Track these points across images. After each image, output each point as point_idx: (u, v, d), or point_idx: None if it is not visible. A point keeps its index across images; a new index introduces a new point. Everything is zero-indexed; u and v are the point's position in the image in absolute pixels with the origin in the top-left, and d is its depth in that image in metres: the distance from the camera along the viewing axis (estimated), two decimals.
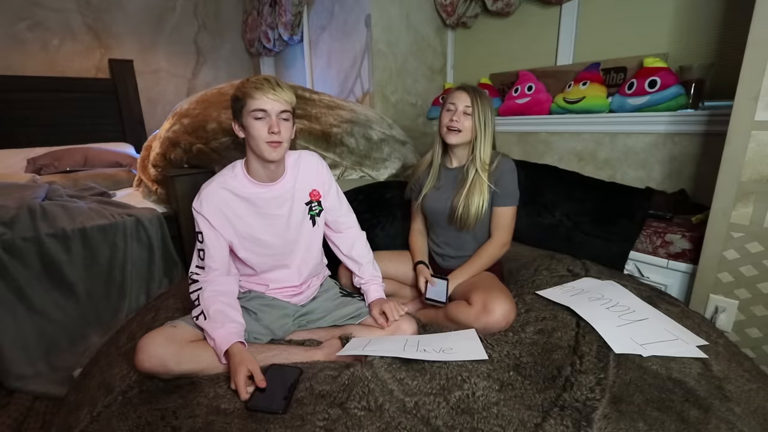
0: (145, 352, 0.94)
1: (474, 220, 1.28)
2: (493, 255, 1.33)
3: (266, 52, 3.85)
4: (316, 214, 1.21)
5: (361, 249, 1.30)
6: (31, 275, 1.54)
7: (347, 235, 1.30)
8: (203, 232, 1.08)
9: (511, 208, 1.32)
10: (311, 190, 1.19)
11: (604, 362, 0.93)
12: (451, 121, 1.26)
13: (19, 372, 1.44)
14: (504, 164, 1.30)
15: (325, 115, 1.96)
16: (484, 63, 2.47)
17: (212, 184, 1.09)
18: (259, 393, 0.89)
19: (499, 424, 0.79)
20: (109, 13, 3.28)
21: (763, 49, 1.06)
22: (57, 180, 2.39)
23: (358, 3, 2.43)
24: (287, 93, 1.02)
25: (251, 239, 1.12)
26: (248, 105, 1.01)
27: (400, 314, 1.15)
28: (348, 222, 1.30)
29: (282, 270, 1.19)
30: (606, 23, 1.91)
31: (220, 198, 1.08)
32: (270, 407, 0.85)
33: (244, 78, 1.06)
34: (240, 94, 1.02)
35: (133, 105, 3.40)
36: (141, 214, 1.82)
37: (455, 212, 1.30)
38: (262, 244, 1.14)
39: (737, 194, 1.16)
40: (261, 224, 1.12)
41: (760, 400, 0.86)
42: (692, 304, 1.30)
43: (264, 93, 0.99)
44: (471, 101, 1.25)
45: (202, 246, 1.09)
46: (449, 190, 1.35)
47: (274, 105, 1.01)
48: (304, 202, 1.18)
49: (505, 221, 1.32)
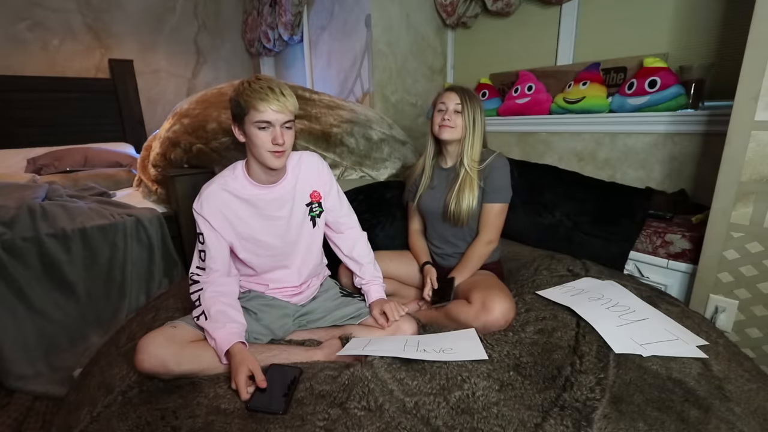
0: (145, 352, 0.94)
1: (466, 216, 1.31)
2: (481, 253, 1.34)
3: (266, 52, 3.85)
4: (316, 215, 1.20)
5: (362, 249, 1.30)
6: (31, 275, 1.54)
7: (348, 236, 1.29)
8: (204, 233, 1.08)
9: (500, 205, 1.32)
10: (312, 192, 1.19)
11: (604, 362, 0.93)
12: (443, 120, 1.29)
13: (19, 372, 1.44)
14: (495, 161, 1.32)
15: (325, 115, 1.96)
16: (484, 63, 2.47)
17: (213, 185, 1.09)
18: (259, 393, 0.89)
19: (499, 424, 0.79)
20: (109, 13, 3.28)
21: (763, 49, 1.06)
22: (57, 180, 2.38)
23: (358, 3, 2.43)
24: (291, 101, 1.00)
25: (252, 240, 1.12)
26: (251, 115, 0.98)
27: (400, 314, 1.15)
28: (349, 222, 1.29)
29: (282, 270, 1.19)
30: (606, 23, 1.91)
31: (221, 199, 1.08)
32: (270, 407, 0.85)
33: (244, 79, 1.02)
34: (242, 101, 0.98)
35: (133, 105, 3.40)
36: (141, 214, 1.82)
37: (448, 209, 1.33)
38: (263, 246, 1.14)
39: (737, 194, 1.16)
40: (261, 225, 1.12)
41: (760, 400, 0.86)
42: (692, 304, 1.30)
43: (269, 104, 0.97)
44: (461, 100, 1.28)
45: (203, 247, 1.08)
46: (443, 189, 1.38)
47: (278, 117, 0.99)
48: (304, 203, 1.18)
49: (492, 218, 1.33)
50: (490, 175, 1.31)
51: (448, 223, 1.37)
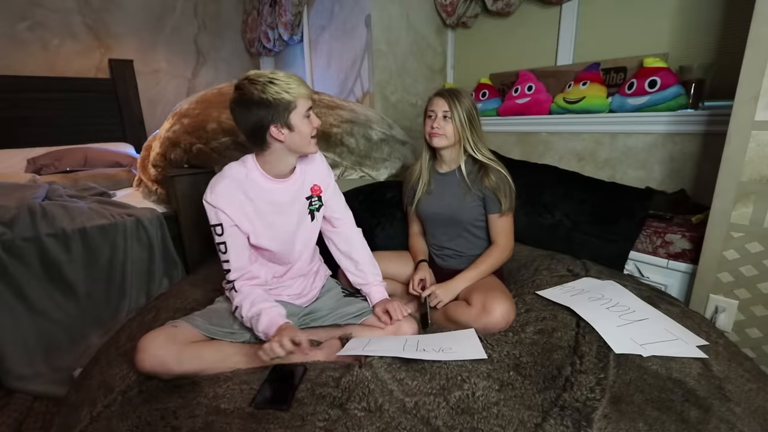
0: (145, 351, 0.94)
1: (466, 219, 1.32)
2: (500, 259, 1.32)
3: (266, 52, 3.85)
4: (315, 208, 1.20)
5: (359, 245, 1.29)
6: (31, 275, 1.54)
7: (343, 231, 1.28)
8: (222, 223, 1.04)
9: (508, 214, 1.32)
10: (313, 185, 1.18)
11: (604, 362, 0.93)
12: (433, 128, 1.29)
13: (19, 372, 1.44)
14: (496, 174, 1.28)
15: (325, 115, 1.96)
16: (484, 63, 2.47)
17: (225, 179, 1.05)
18: (264, 391, 0.90)
19: (499, 424, 0.79)
20: (109, 13, 3.28)
21: (763, 49, 1.06)
22: (57, 180, 2.38)
23: (358, 3, 2.43)
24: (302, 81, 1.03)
25: (267, 235, 1.10)
26: (301, 106, 1.00)
27: (404, 314, 1.16)
28: (345, 218, 1.28)
29: (278, 266, 1.18)
30: (606, 23, 1.91)
31: (234, 194, 1.05)
32: (276, 404, 0.86)
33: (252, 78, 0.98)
34: (282, 97, 0.97)
35: (133, 105, 3.40)
36: (141, 214, 1.82)
37: (447, 214, 1.34)
38: (277, 239, 1.12)
39: (737, 194, 1.16)
40: (277, 221, 1.11)
41: (760, 400, 0.86)
42: (692, 304, 1.30)
43: (305, 90, 1.01)
44: (449, 106, 1.26)
45: (221, 239, 1.05)
46: (441, 193, 1.38)
47: (311, 96, 1.04)
48: (305, 196, 1.17)
49: (505, 227, 1.32)
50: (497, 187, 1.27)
51: (448, 227, 1.37)
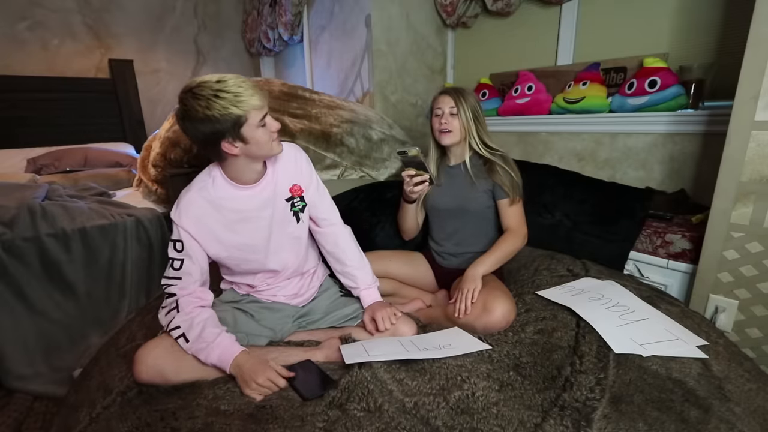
0: (143, 363, 0.94)
1: (473, 209, 1.35)
2: (514, 245, 1.31)
3: (266, 52, 3.85)
4: (299, 209, 1.15)
5: (347, 246, 1.24)
6: (31, 275, 1.54)
7: (329, 231, 1.23)
8: (183, 241, 1.02)
9: (518, 202, 1.34)
10: (291, 185, 1.13)
11: (604, 362, 0.93)
12: (441, 125, 1.34)
13: (19, 372, 1.44)
14: (502, 166, 1.33)
15: (325, 115, 1.96)
16: (484, 63, 2.47)
17: (190, 192, 1.04)
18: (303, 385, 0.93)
19: (498, 424, 0.79)
20: (109, 13, 3.28)
21: (763, 49, 1.06)
22: (57, 180, 2.39)
23: (358, 3, 2.43)
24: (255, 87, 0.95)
25: (237, 246, 1.08)
26: (252, 118, 0.93)
27: (392, 323, 1.12)
28: (331, 218, 1.23)
29: (267, 273, 1.16)
30: (606, 23, 1.91)
31: (200, 206, 1.03)
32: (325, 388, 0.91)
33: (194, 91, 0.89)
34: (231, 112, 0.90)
35: (133, 105, 3.41)
36: (141, 214, 1.82)
37: (456, 204, 1.37)
38: (248, 249, 1.10)
39: (737, 194, 1.16)
40: (245, 228, 1.08)
41: (760, 400, 0.86)
42: (692, 304, 1.29)
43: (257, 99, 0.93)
44: (455, 102, 1.32)
45: (180, 255, 1.02)
46: (450, 184, 1.40)
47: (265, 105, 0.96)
48: (284, 198, 1.12)
49: (516, 213, 1.34)
50: (503, 174, 1.32)
51: (454, 221, 1.39)
